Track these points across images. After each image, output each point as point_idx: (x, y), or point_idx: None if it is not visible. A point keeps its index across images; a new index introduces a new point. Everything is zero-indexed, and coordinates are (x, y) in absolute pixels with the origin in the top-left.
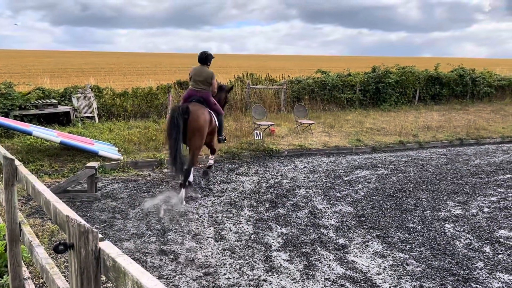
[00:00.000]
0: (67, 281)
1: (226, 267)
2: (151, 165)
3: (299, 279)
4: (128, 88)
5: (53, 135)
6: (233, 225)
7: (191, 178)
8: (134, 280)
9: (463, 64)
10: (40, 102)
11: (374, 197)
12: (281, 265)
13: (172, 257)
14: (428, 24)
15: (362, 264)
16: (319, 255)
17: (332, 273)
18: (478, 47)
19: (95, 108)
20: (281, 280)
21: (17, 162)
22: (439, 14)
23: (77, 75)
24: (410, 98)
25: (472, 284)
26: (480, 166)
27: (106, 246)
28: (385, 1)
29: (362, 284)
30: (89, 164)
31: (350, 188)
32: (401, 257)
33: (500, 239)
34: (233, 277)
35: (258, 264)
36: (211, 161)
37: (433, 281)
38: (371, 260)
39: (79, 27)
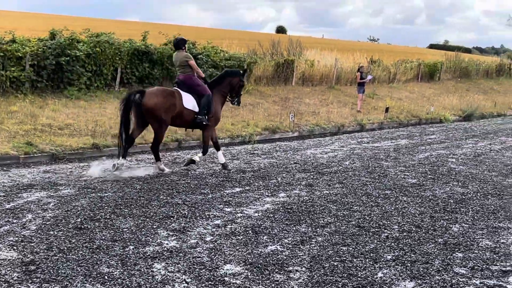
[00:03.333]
0: None
1: None
2: None
3: None
4: None
5: None
6: None
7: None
8: None
9: (181, 34)
10: None
11: (52, 232)
12: None
13: None
14: None
15: None
16: None
17: None
18: (204, 12)
19: None
20: None
21: None
22: None
23: None
24: (109, 80)
25: None
26: (203, 178)
27: None
28: None
29: None
30: None
31: (15, 221)
32: None
33: (225, 278)
34: None
35: None
36: (221, 159)
37: None
38: None
39: None
